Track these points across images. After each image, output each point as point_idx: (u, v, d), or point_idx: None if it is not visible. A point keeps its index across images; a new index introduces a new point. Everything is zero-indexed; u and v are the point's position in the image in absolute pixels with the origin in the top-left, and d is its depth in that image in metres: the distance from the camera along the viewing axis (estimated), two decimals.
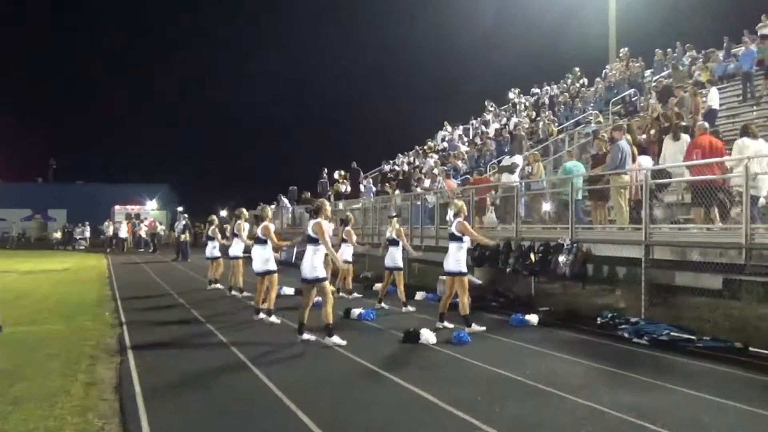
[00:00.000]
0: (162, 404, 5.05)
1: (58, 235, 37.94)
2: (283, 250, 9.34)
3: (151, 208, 46.31)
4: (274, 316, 8.93)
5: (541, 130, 19.78)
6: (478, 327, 8.06)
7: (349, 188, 23.47)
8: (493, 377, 5.91)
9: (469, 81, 51.95)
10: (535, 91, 26.31)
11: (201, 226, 32.76)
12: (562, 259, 9.22)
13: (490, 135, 22.49)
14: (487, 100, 27.48)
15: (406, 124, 51.94)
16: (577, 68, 25.23)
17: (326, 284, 7.48)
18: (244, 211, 12.14)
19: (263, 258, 9.10)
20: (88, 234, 36.27)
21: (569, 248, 9.22)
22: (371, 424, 4.58)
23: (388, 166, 25.78)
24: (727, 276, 7.33)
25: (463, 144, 24.18)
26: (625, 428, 4.45)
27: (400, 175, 22.75)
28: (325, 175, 24.64)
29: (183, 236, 24.04)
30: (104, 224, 35.07)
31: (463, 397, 5.15)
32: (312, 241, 7.40)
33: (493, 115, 25.95)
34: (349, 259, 11.85)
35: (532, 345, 7.34)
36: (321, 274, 7.38)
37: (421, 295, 11.48)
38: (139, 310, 10.20)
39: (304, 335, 7.47)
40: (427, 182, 18.44)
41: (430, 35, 69.77)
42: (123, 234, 33.33)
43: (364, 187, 22.37)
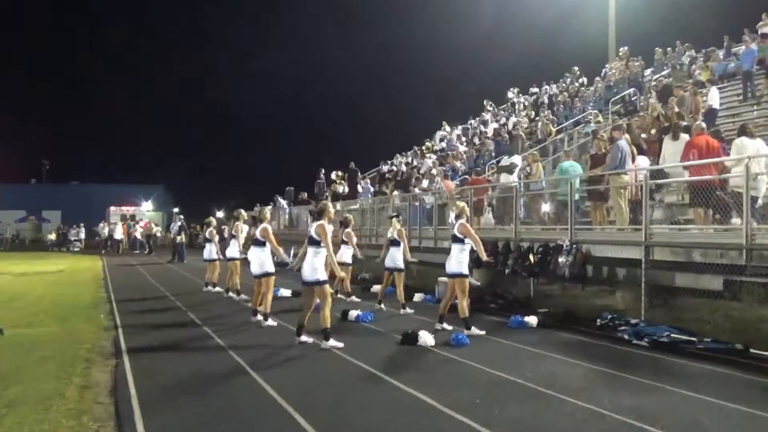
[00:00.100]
0: (158, 408, 5.01)
1: (53, 236, 37.67)
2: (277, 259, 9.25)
3: (146, 209, 46.10)
4: (271, 320, 8.86)
5: (540, 130, 19.75)
6: (477, 330, 7.99)
7: (347, 189, 23.22)
8: (492, 379, 5.87)
9: (468, 81, 52.10)
10: (534, 90, 26.29)
11: (197, 227, 32.67)
12: (561, 260, 9.19)
13: (489, 135, 22.45)
14: (486, 100, 27.47)
15: (405, 124, 51.98)
16: (577, 67, 25.23)
17: (326, 287, 7.40)
18: (243, 212, 12.07)
19: (261, 260, 9.02)
20: (82, 235, 35.99)
21: (568, 249, 9.18)
22: (369, 427, 4.54)
23: (386, 167, 25.70)
24: (727, 277, 7.31)
25: (462, 144, 24.13)
26: (625, 430, 4.42)
27: (398, 175, 22.68)
28: (322, 176, 24.37)
29: (179, 238, 23.99)
30: (99, 225, 34.83)
31: (461, 400, 5.11)
32: (314, 242, 7.33)
33: (492, 115, 25.91)
34: (349, 261, 11.77)
35: (531, 347, 7.29)
36: (321, 276, 7.31)
37: (420, 296, 11.42)
38: (134, 313, 10.13)
39: (302, 337, 7.42)
40: (425, 183, 18.38)
41: (430, 35, 69.84)
42: (118, 235, 33.19)
43: (361, 188, 22.25)
